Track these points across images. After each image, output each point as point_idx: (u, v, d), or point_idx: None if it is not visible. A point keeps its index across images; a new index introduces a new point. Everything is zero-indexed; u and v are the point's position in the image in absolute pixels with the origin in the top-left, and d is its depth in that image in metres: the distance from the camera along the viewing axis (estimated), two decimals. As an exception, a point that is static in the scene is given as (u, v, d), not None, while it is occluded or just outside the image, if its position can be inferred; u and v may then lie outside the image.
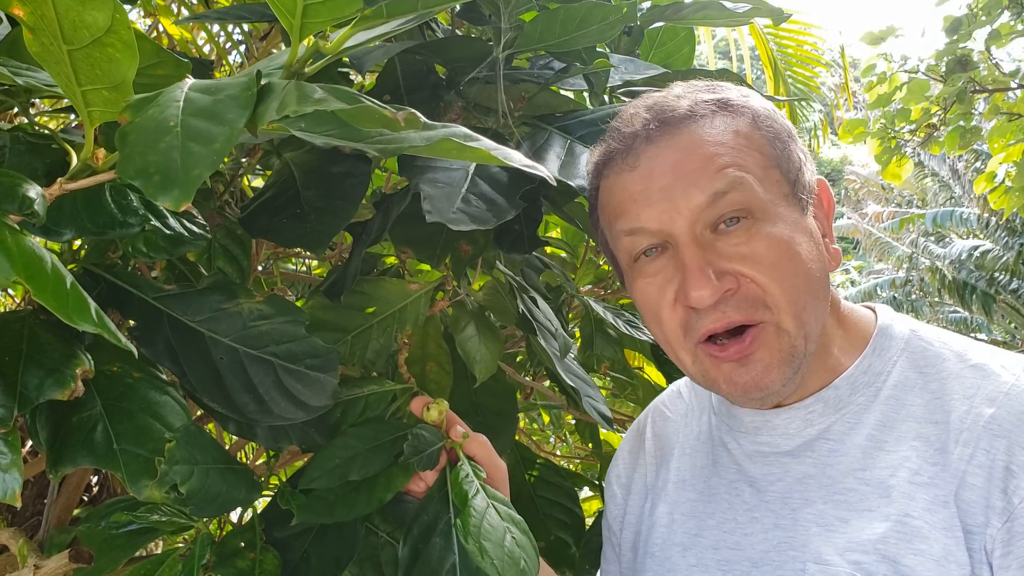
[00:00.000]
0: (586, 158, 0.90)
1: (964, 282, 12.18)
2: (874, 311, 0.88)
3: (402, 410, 0.96)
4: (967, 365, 0.78)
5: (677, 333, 0.80)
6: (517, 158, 0.62)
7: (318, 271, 1.78)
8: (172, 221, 0.82)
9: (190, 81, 0.56)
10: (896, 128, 5.62)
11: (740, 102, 0.81)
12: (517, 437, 1.40)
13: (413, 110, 0.51)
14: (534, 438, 1.96)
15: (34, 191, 0.61)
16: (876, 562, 0.72)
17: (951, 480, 0.72)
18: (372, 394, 0.92)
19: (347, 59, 0.99)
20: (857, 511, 0.75)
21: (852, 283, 17.05)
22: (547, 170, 0.92)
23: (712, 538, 0.85)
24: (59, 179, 0.63)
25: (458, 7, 1.12)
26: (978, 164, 11.23)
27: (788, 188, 0.79)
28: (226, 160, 1.08)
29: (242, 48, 1.75)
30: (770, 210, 0.77)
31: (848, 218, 15.50)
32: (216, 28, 1.79)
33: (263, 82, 0.56)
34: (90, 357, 0.74)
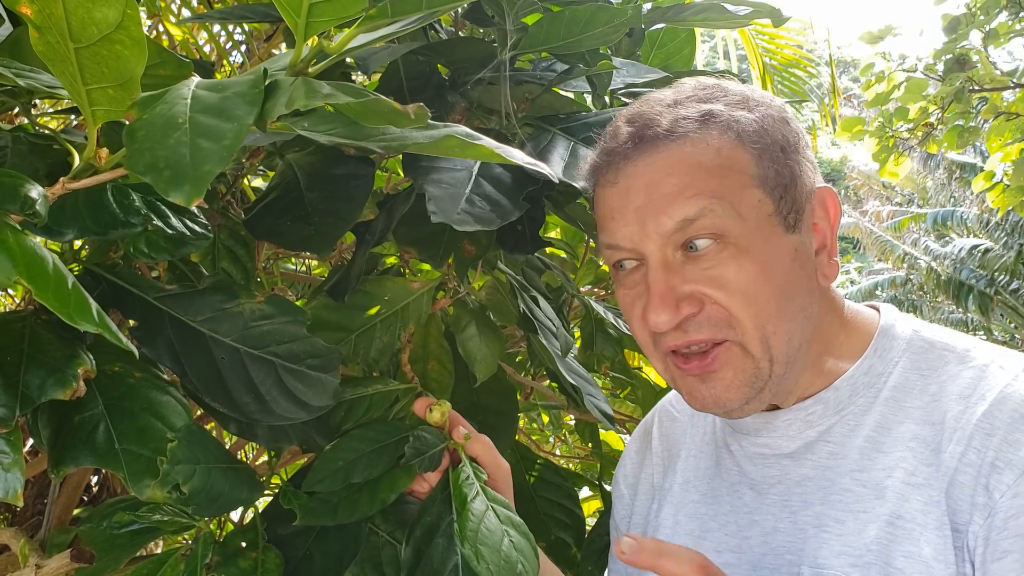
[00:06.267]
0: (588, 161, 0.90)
1: (961, 282, 12.17)
2: (878, 310, 0.88)
3: (405, 410, 0.96)
4: (967, 366, 0.77)
5: (648, 342, 0.82)
6: (519, 156, 0.62)
7: (318, 271, 1.78)
8: (174, 221, 0.82)
9: (196, 79, 0.55)
10: (894, 127, 5.63)
11: (727, 116, 0.78)
12: (517, 437, 1.40)
13: (421, 104, 0.51)
14: (534, 438, 1.96)
15: (36, 191, 0.61)
16: (867, 565, 0.72)
17: (943, 479, 0.72)
18: (376, 394, 0.92)
19: (352, 60, 0.99)
20: (852, 512, 0.75)
21: (852, 283, 17.07)
22: (551, 171, 0.92)
23: (714, 541, 0.85)
24: (62, 179, 0.63)
25: (461, 8, 1.12)
26: (968, 160, 11.27)
27: (771, 207, 0.77)
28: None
29: (243, 48, 1.75)
30: (744, 235, 0.75)
31: (849, 216, 15.50)
32: (217, 28, 1.78)
33: (269, 80, 0.56)
34: (92, 357, 0.74)
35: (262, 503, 0.92)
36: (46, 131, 0.86)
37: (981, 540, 0.68)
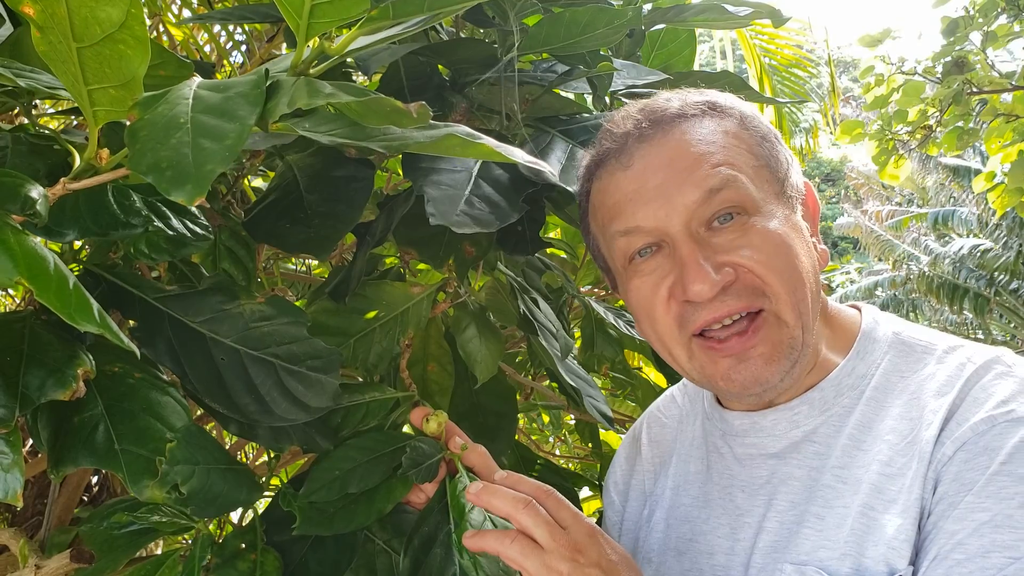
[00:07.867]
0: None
1: (955, 285, 12.13)
2: (859, 311, 0.88)
3: (403, 417, 0.95)
4: (944, 365, 0.78)
5: (671, 329, 0.81)
6: (519, 155, 0.62)
7: (318, 271, 1.78)
8: (175, 222, 0.82)
9: (198, 80, 0.55)
10: (893, 130, 5.63)
11: (727, 103, 0.83)
12: (517, 437, 1.40)
13: (423, 103, 0.51)
14: (534, 438, 1.96)
15: (36, 191, 0.61)
16: (843, 556, 0.73)
17: (919, 464, 0.72)
18: (373, 401, 0.92)
19: (353, 61, 0.99)
20: (833, 508, 0.76)
21: (852, 282, 17.05)
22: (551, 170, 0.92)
23: (707, 543, 0.85)
24: (62, 179, 0.63)
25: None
26: (964, 163, 11.27)
27: (778, 187, 0.81)
28: (229, 161, 1.08)
29: (244, 48, 1.75)
30: (762, 207, 0.78)
31: (849, 216, 15.49)
32: (217, 28, 1.78)
33: (270, 80, 0.56)
34: (91, 357, 0.74)
35: (262, 504, 0.92)
36: (46, 131, 0.86)
37: (927, 515, 0.70)
